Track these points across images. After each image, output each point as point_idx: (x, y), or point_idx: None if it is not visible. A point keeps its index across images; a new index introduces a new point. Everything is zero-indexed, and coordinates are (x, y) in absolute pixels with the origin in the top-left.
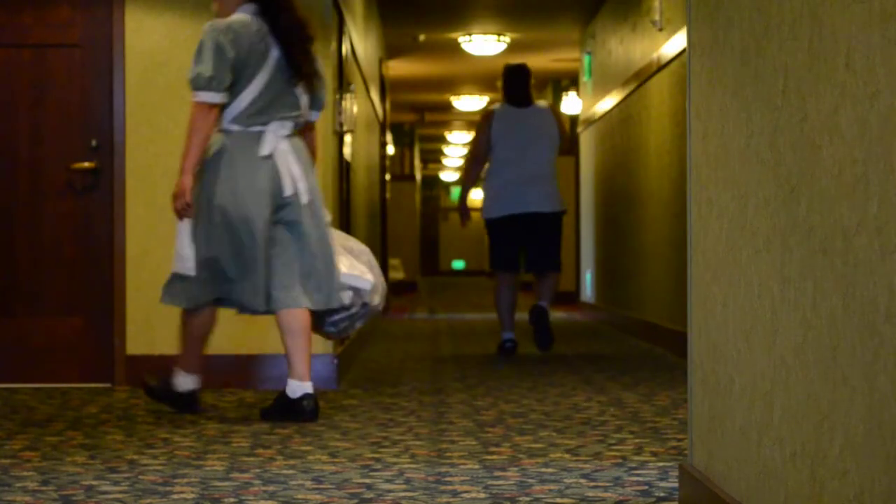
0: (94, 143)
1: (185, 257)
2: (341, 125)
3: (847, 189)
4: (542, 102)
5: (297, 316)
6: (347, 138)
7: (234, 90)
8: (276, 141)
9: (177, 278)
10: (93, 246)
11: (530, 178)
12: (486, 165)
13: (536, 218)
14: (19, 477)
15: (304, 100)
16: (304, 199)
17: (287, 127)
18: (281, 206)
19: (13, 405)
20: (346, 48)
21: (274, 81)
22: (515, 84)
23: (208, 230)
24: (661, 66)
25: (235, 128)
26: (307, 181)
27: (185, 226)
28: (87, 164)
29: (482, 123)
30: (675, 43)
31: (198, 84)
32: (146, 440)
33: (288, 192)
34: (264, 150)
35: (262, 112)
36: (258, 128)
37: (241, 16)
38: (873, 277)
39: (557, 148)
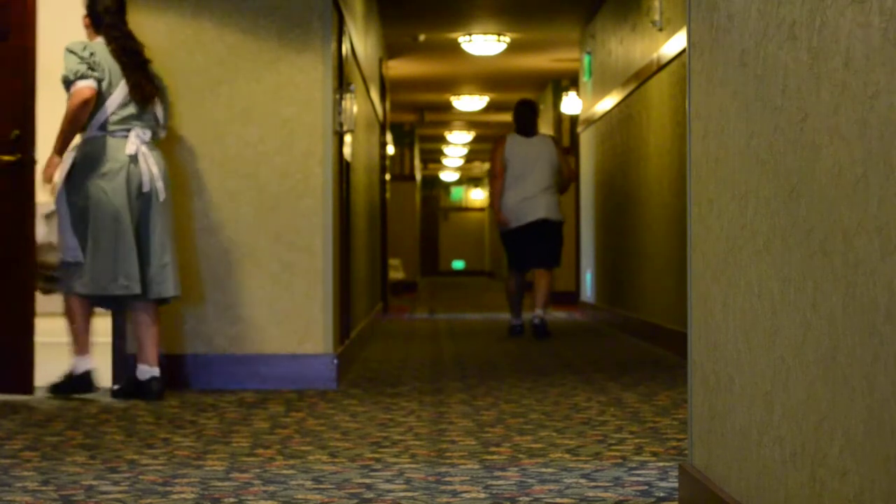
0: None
1: (71, 247)
2: (341, 125)
3: (847, 189)
4: (545, 132)
5: (151, 306)
6: (347, 138)
7: (98, 100)
8: (139, 144)
9: (66, 266)
10: (17, 244)
11: (537, 192)
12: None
13: (544, 223)
14: (19, 477)
15: (160, 113)
16: (161, 196)
17: (148, 135)
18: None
19: (13, 405)
20: (346, 48)
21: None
22: (523, 117)
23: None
24: (661, 66)
25: (101, 134)
26: (164, 182)
27: (66, 218)
28: (8, 157)
29: (497, 147)
30: (675, 43)
31: (76, 76)
32: (146, 440)
33: (146, 188)
34: (129, 149)
35: (124, 120)
36: (122, 133)
37: (100, 40)
38: (873, 277)
39: (556, 169)
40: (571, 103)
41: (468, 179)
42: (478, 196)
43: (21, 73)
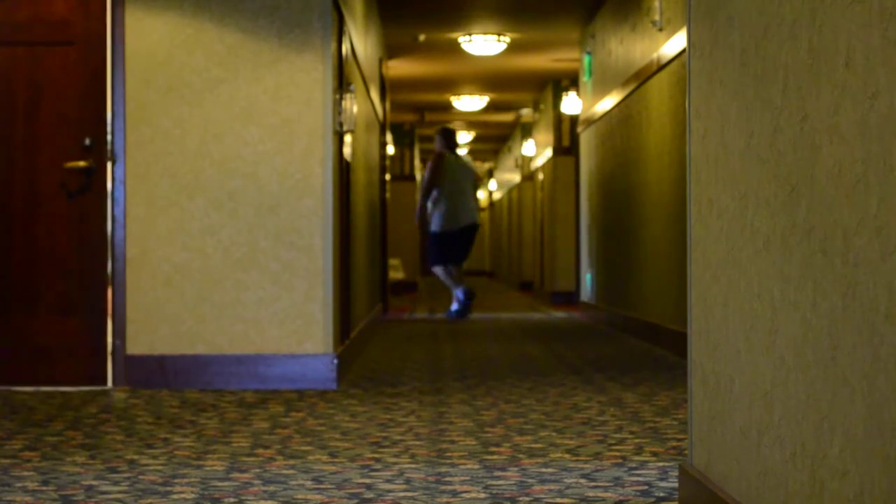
0: (87, 141)
1: None
2: (341, 125)
3: (847, 189)
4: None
5: None
6: (347, 138)
7: None
8: None
9: None
10: (88, 245)
11: (470, 200)
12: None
13: (473, 227)
14: (19, 477)
15: None
16: None
17: None
18: None
19: (13, 405)
20: (346, 48)
21: None
22: (454, 140)
23: None
24: (661, 66)
25: None
26: None
27: None
28: (81, 164)
29: (438, 162)
30: (675, 43)
31: None
32: (146, 440)
33: None
34: None
35: None
36: None
37: None
38: (873, 277)
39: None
40: (571, 103)
41: None
42: (478, 196)
43: (93, 82)
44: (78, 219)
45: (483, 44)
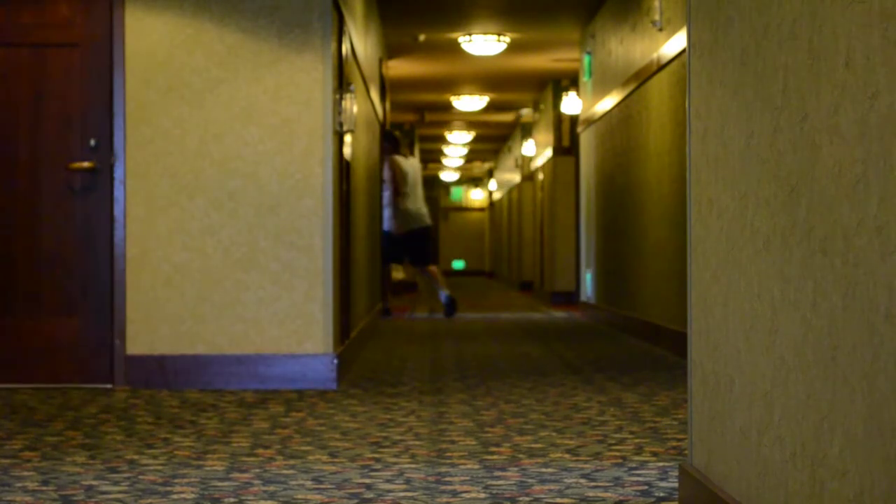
0: (92, 142)
1: None
2: (341, 125)
3: (847, 189)
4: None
5: None
6: (347, 138)
7: None
8: None
9: None
10: (92, 246)
11: (424, 202)
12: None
13: (426, 229)
14: (19, 477)
15: None
16: None
17: None
18: None
19: (13, 405)
20: (346, 48)
21: None
22: (399, 142)
23: None
24: (661, 66)
25: None
26: None
27: None
28: (86, 164)
29: (398, 165)
30: (675, 43)
31: None
32: (146, 440)
33: None
34: None
35: None
36: None
37: None
38: (873, 277)
39: None
40: (571, 103)
41: (468, 179)
42: (478, 196)
43: (97, 83)
44: (82, 219)
45: (483, 44)
